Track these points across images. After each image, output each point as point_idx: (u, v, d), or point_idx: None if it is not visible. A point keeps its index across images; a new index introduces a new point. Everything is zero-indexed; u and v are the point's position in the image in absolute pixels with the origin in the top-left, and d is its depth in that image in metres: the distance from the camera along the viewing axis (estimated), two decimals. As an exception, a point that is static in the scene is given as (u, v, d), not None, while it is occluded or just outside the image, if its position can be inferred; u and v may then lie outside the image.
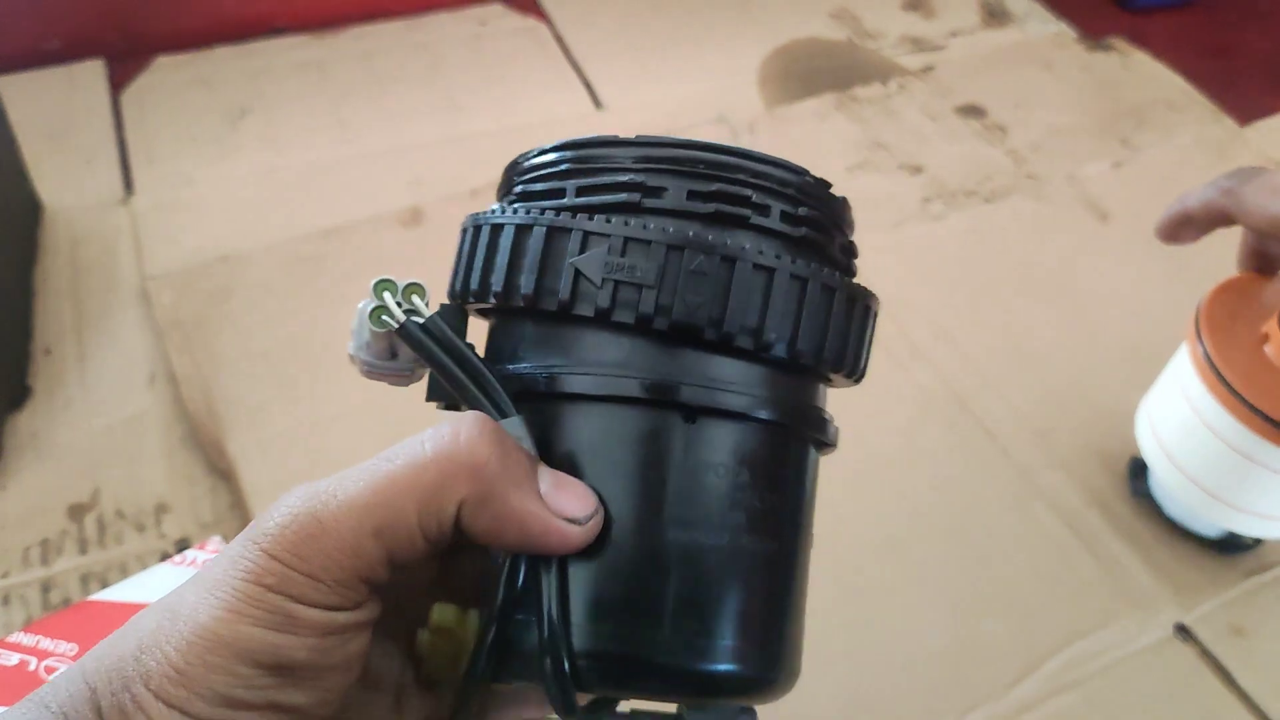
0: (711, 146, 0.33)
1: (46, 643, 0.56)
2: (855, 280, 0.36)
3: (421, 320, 0.34)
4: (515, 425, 0.32)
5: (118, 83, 1.25)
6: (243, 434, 0.87)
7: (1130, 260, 1.07)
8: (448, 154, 1.17)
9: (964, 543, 0.82)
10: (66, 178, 1.12)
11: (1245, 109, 1.26)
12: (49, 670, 0.55)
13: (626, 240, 0.31)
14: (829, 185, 0.35)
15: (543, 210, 0.33)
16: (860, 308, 0.35)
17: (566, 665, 0.31)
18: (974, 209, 1.11)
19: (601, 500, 0.31)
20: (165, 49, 1.30)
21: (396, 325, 0.33)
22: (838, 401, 0.38)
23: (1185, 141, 1.22)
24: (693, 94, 1.26)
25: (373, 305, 0.34)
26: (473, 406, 0.33)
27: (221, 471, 0.85)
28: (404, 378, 0.36)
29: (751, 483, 0.32)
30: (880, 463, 0.87)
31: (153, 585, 0.61)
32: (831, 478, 0.41)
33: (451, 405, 0.36)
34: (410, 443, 0.31)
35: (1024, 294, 1.02)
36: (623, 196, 0.33)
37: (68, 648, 0.56)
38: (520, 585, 0.32)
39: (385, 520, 0.30)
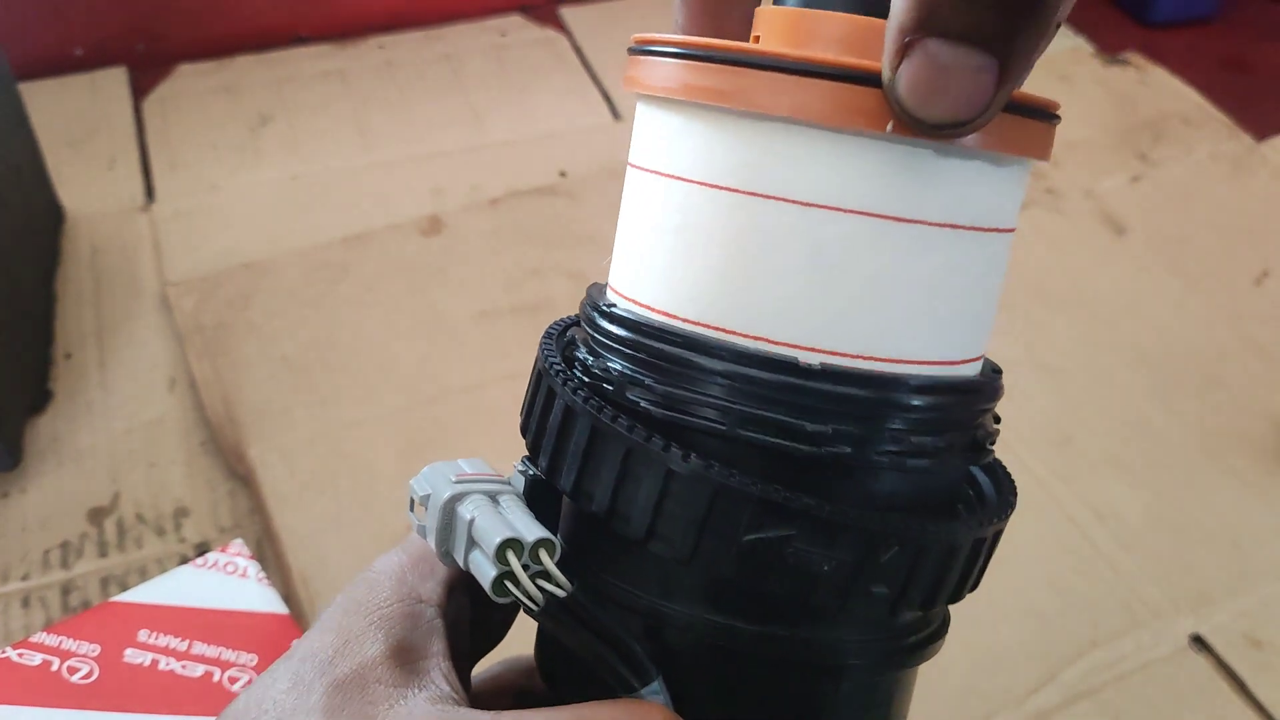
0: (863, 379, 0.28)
1: (69, 643, 0.56)
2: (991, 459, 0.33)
3: (562, 595, 0.29)
4: (655, 689, 0.29)
5: (140, 90, 1.26)
6: (262, 439, 0.88)
7: (1147, 274, 1.07)
8: (468, 163, 1.18)
9: (980, 553, 0.82)
10: (88, 184, 1.13)
11: (1262, 124, 1.26)
12: (71, 671, 0.55)
13: (817, 526, 0.27)
14: (973, 387, 0.31)
15: (690, 426, 0.28)
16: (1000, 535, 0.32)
17: None
18: (991, 221, 1.11)
19: None
20: (188, 57, 1.31)
21: (534, 606, 0.29)
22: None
23: (1202, 157, 1.22)
24: (710, 105, 1.26)
25: (496, 573, 0.29)
26: (607, 673, 0.30)
27: (241, 476, 0.86)
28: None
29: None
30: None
31: (174, 588, 0.61)
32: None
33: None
34: None
35: (1041, 306, 1.02)
36: (817, 451, 0.28)
37: (90, 648, 0.56)
38: None
39: None
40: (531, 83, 1.31)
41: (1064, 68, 1.35)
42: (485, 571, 0.29)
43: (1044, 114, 0.29)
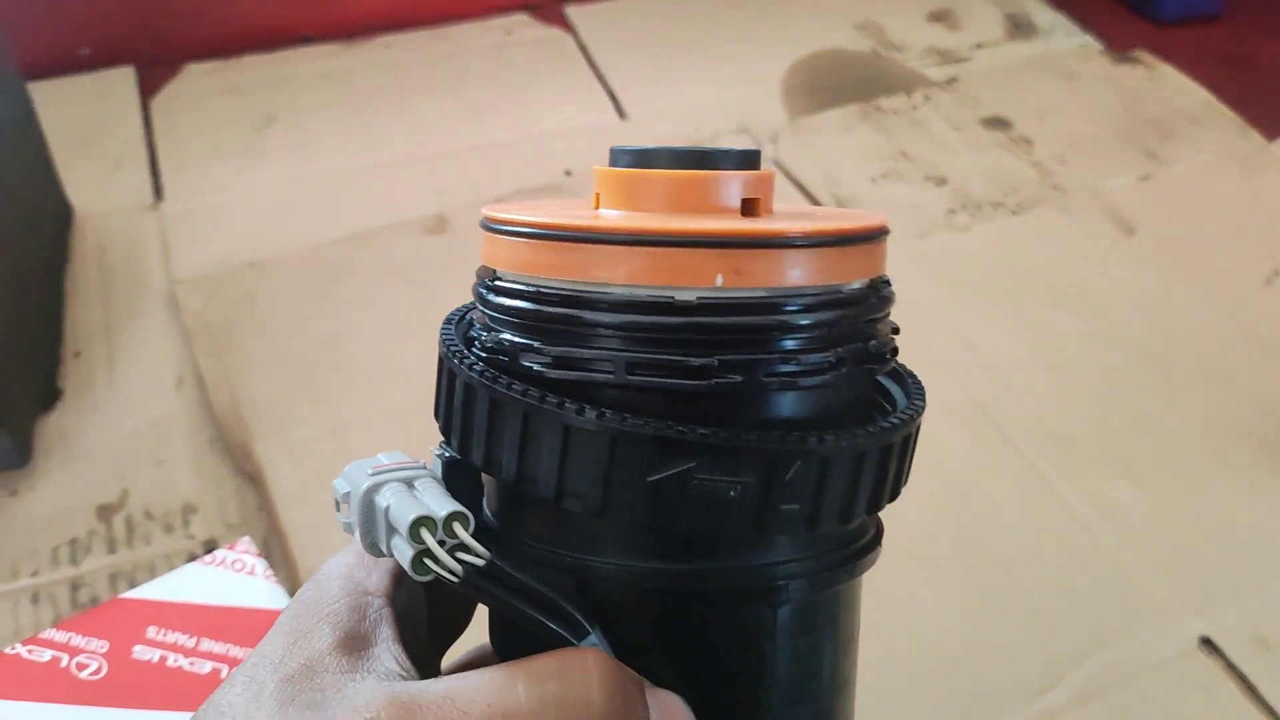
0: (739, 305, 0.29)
1: (78, 639, 0.57)
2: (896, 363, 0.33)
3: (481, 564, 0.29)
4: (594, 640, 0.30)
5: (148, 90, 1.27)
6: (269, 437, 0.88)
7: (1154, 272, 1.06)
8: (472, 162, 1.18)
9: (984, 551, 0.82)
10: (96, 183, 1.13)
11: (1270, 122, 1.26)
12: (80, 667, 0.56)
13: (717, 454, 0.28)
14: (856, 299, 0.31)
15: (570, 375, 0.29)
16: (915, 440, 0.32)
17: None
18: (1000, 221, 1.11)
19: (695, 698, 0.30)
20: (195, 57, 1.31)
21: (454, 579, 0.29)
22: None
23: (1209, 155, 1.22)
24: (715, 104, 1.26)
25: (413, 551, 0.29)
26: (542, 634, 0.30)
27: (248, 474, 0.86)
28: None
29: (833, 643, 0.32)
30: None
31: (183, 585, 0.61)
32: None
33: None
34: (530, 692, 0.29)
35: (1047, 305, 1.02)
36: (692, 384, 0.28)
37: (99, 645, 0.57)
38: None
39: None
40: (536, 82, 1.31)
41: (1072, 65, 1.35)
42: (404, 552, 0.30)
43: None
